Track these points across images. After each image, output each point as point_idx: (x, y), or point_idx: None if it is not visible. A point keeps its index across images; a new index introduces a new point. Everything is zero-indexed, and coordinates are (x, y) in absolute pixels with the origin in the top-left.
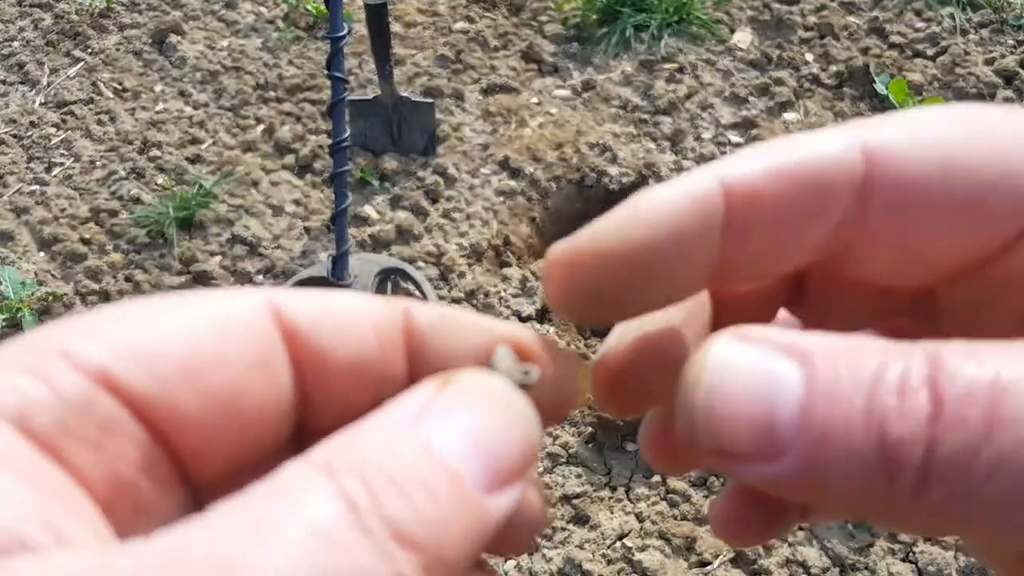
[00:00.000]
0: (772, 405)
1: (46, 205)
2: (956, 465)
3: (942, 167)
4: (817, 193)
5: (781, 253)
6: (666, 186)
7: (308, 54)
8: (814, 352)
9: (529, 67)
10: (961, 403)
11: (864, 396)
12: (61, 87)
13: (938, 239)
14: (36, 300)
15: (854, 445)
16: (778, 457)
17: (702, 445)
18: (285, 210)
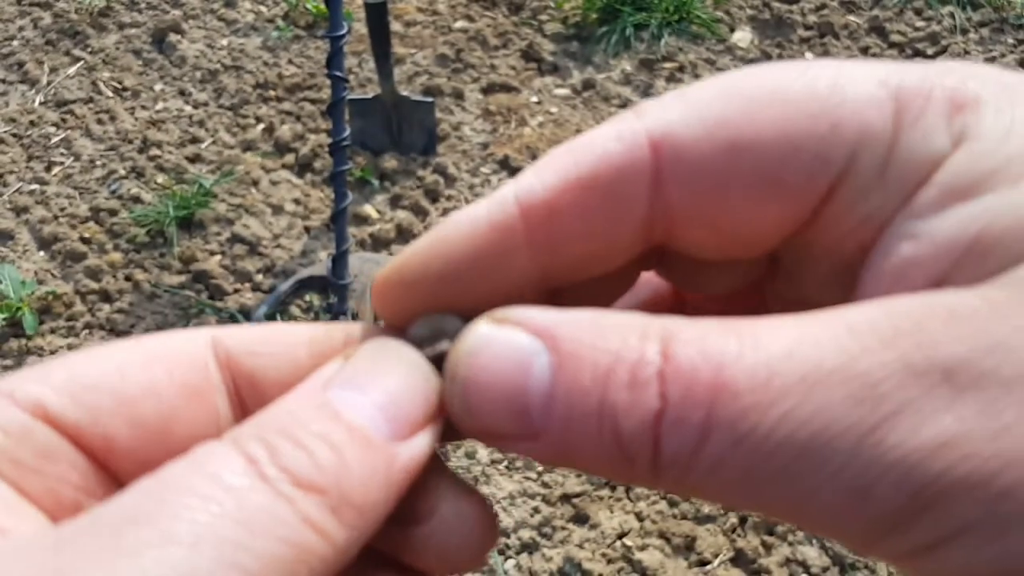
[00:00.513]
0: (524, 392)
1: (46, 204)
2: (679, 463)
3: (729, 148)
4: (611, 197)
5: (595, 254)
6: (470, 208)
7: (308, 53)
8: (561, 335)
9: (529, 66)
10: (683, 403)
11: (600, 390)
12: (61, 86)
13: (741, 216)
14: (36, 299)
15: (593, 435)
16: (534, 439)
17: (465, 427)
18: (285, 209)
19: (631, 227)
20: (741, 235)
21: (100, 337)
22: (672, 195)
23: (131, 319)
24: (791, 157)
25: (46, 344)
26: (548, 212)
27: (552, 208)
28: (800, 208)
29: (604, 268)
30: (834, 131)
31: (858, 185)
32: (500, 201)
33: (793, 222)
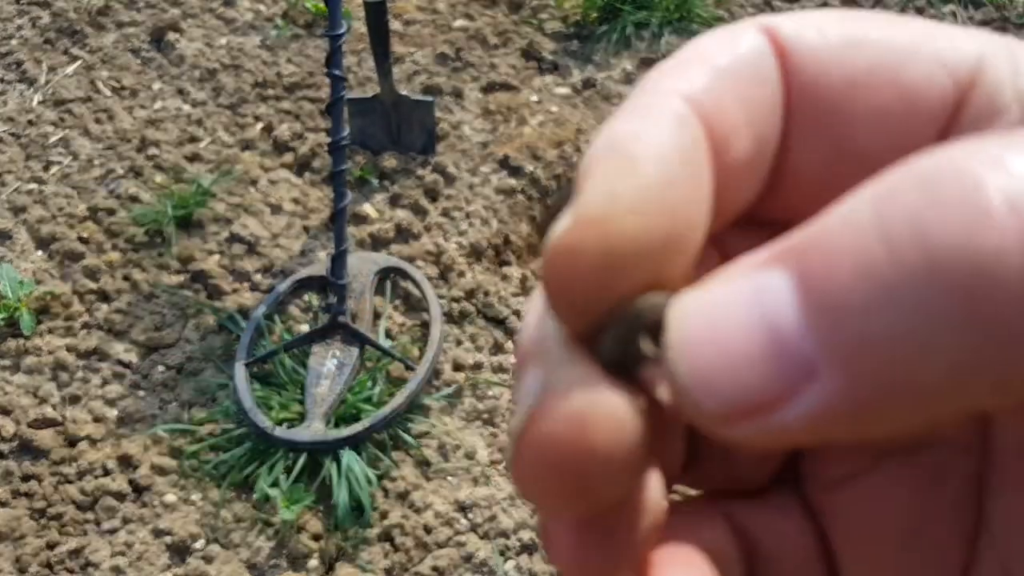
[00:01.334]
0: (765, 322)
1: (44, 204)
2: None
3: (854, 47)
4: (759, 88)
5: (759, 152)
6: (632, 124)
7: (307, 52)
8: (783, 249)
9: (529, 65)
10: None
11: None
12: (59, 85)
13: (870, 132)
14: (34, 299)
15: (925, 281)
16: (811, 381)
17: (708, 415)
18: (284, 209)
19: (779, 116)
20: (861, 158)
21: (98, 337)
22: (798, 102)
23: (129, 319)
24: (918, 54)
25: (44, 344)
26: (715, 104)
27: (717, 99)
28: (930, 123)
29: (760, 173)
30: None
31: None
32: (668, 104)
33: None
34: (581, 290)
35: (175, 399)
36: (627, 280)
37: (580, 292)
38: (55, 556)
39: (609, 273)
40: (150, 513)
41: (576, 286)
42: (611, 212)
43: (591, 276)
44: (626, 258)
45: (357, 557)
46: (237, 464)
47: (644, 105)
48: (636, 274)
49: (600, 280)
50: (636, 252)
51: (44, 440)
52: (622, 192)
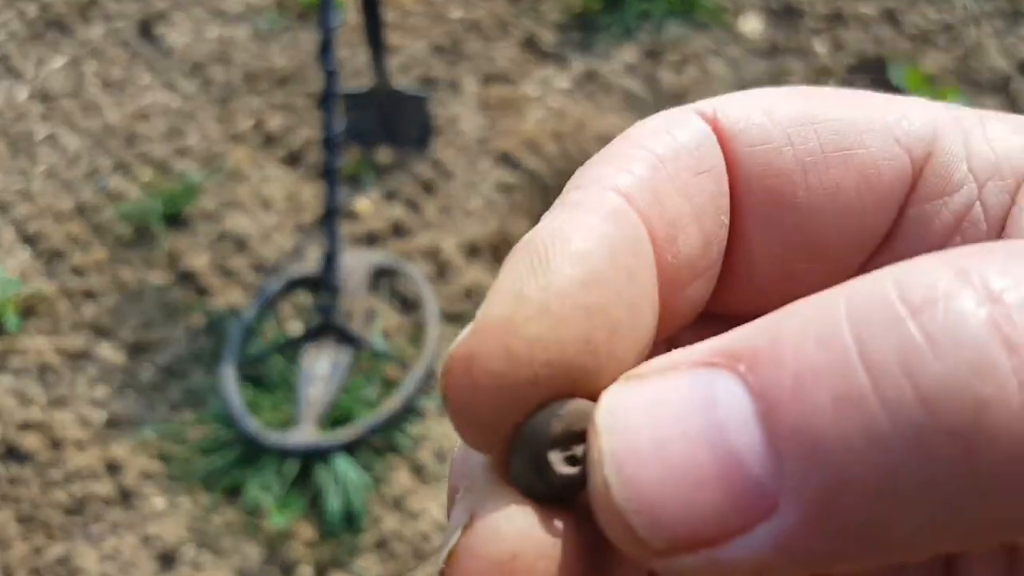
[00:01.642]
0: (719, 440)
1: (31, 200)
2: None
3: (801, 121)
4: (700, 168)
5: (706, 242)
6: (566, 219)
7: (299, 44)
8: (739, 350)
9: (529, 57)
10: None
11: (857, 350)
12: (47, 79)
13: (826, 214)
14: (20, 298)
15: (896, 409)
16: (767, 516)
17: (646, 544)
18: (275, 205)
19: (726, 204)
20: (817, 250)
21: (85, 336)
22: (744, 192)
23: (117, 318)
24: (867, 136)
25: (31, 343)
26: (654, 196)
27: (656, 191)
28: (887, 209)
29: (710, 268)
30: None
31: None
32: (600, 199)
33: (876, 231)
34: (483, 406)
35: (163, 401)
36: (535, 393)
37: (482, 408)
38: (42, 563)
39: (513, 385)
40: (138, 518)
41: (477, 401)
42: (514, 316)
43: (492, 389)
44: (533, 367)
45: (350, 564)
46: (226, 468)
47: (574, 201)
48: (546, 385)
49: (504, 394)
50: (544, 361)
51: (30, 443)
52: (530, 294)
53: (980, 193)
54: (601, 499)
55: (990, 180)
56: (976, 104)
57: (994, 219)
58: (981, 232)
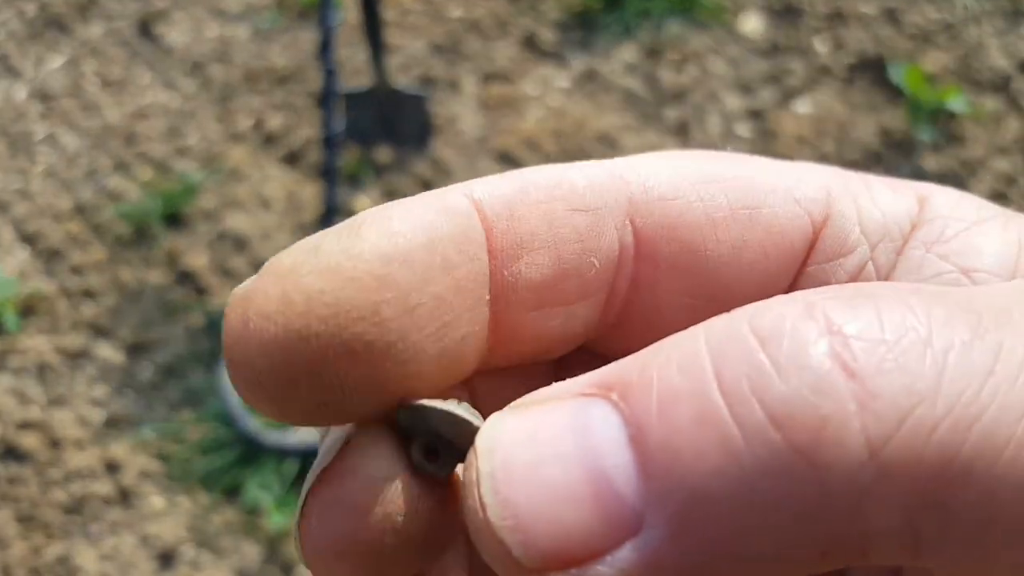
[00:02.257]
0: (591, 461)
1: (30, 200)
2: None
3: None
4: (580, 208)
5: (565, 275)
6: (393, 207)
7: (299, 43)
8: (613, 380)
9: (528, 56)
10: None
11: (715, 376)
12: (46, 79)
13: (732, 268)
14: (19, 298)
15: (750, 441)
16: (634, 533)
17: (517, 561)
18: (275, 204)
19: (604, 247)
20: (720, 295)
21: (85, 336)
22: (649, 240)
23: (116, 317)
24: (774, 194)
25: (30, 343)
26: (507, 211)
27: (512, 208)
28: (792, 260)
29: (570, 303)
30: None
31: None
32: (442, 196)
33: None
34: (255, 354)
35: (162, 400)
36: (307, 349)
37: (254, 356)
38: (41, 562)
39: (284, 334)
40: (137, 518)
41: (248, 348)
42: (301, 266)
43: (264, 335)
44: (307, 319)
45: None
46: (226, 468)
47: (418, 196)
48: (319, 343)
49: (275, 344)
50: (320, 316)
51: (29, 443)
52: (326, 251)
53: (872, 253)
54: (477, 519)
55: (881, 242)
56: (978, 103)
57: (883, 278)
58: None
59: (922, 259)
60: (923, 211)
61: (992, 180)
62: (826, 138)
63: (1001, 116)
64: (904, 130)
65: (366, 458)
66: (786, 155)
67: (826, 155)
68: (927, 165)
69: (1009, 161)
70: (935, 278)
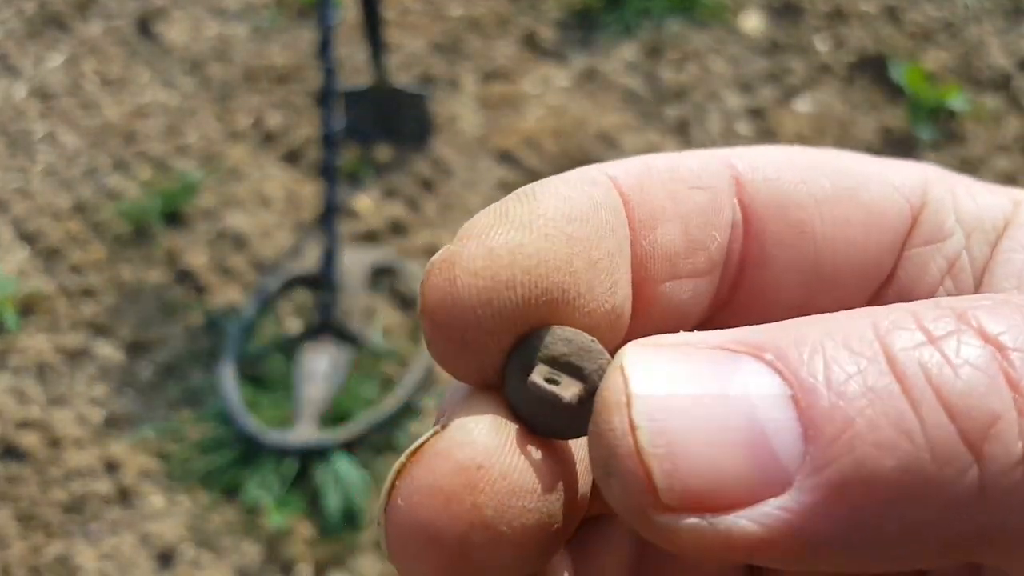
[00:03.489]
0: (752, 416)
1: (29, 198)
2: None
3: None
4: (699, 185)
5: (685, 250)
6: (549, 181)
7: (298, 42)
8: (761, 342)
9: (528, 54)
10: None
11: (886, 358)
12: (45, 77)
13: (837, 244)
14: (18, 296)
15: (908, 428)
16: (780, 491)
17: (656, 495)
18: (274, 203)
19: (722, 222)
20: (830, 276)
21: (84, 335)
22: (755, 204)
23: (116, 316)
24: (873, 179)
25: (29, 342)
26: (638, 185)
27: (642, 183)
28: (890, 244)
29: (699, 276)
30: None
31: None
32: (585, 172)
33: (881, 266)
34: (463, 313)
35: (162, 400)
36: (514, 302)
37: (462, 315)
38: (41, 561)
39: (492, 288)
40: (137, 517)
41: (457, 308)
42: (498, 225)
43: (472, 292)
44: (513, 271)
45: (349, 563)
46: (225, 467)
47: (559, 175)
48: (525, 297)
49: (484, 299)
50: (525, 268)
51: (29, 442)
52: (514, 215)
53: (967, 242)
54: (622, 441)
55: (974, 232)
56: (978, 101)
57: (977, 269)
58: (968, 278)
59: (1022, 264)
60: (1018, 213)
61: (992, 179)
62: (826, 136)
63: (1001, 115)
64: (904, 128)
65: (463, 441)
66: None
67: None
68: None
69: (1009, 159)
70: None
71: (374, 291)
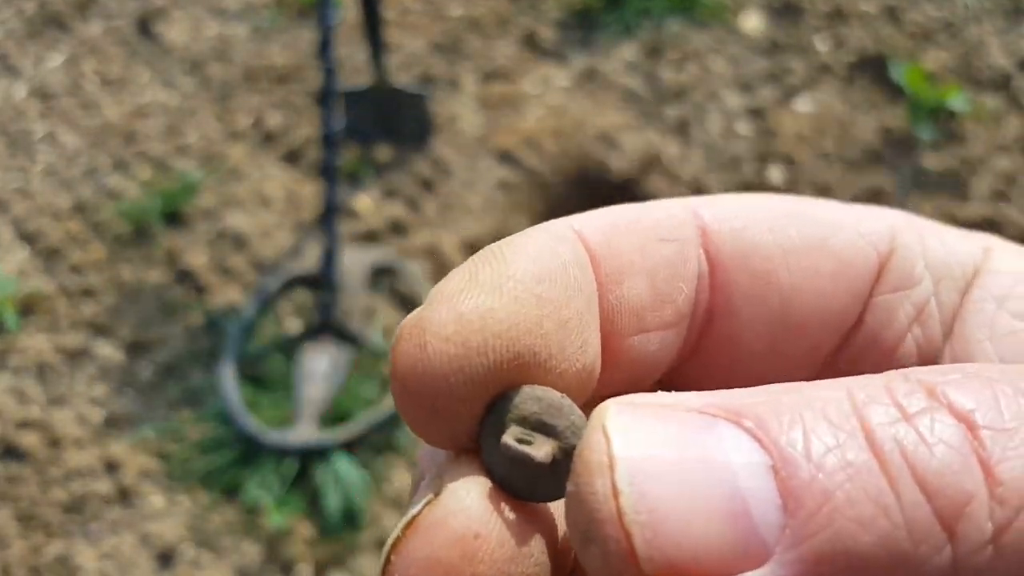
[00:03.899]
0: (735, 487)
1: (29, 198)
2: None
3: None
4: (666, 237)
5: (655, 298)
6: (516, 238)
7: (298, 42)
8: (740, 407)
9: (528, 54)
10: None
11: (864, 433)
12: (45, 77)
13: (805, 294)
14: (18, 296)
15: (885, 506)
16: (759, 564)
17: (633, 565)
18: (274, 203)
19: (689, 274)
20: (793, 319)
21: (84, 335)
22: (722, 253)
23: (116, 316)
24: (839, 233)
25: (29, 342)
26: (604, 240)
27: (608, 238)
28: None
29: (665, 330)
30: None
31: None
32: (551, 227)
33: (849, 314)
34: (433, 380)
35: (162, 400)
36: (485, 368)
37: (432, 383)
38: (41, 561)
39: (463, 355)
40: (137, 517)
41: (426, 373)
42: (468, 289)
43: (443, 359)
44: (484, 335)
45: (349, 563)
46: (225, 467)
47: (525, 231)
48: (496, 361)
49: (454, 366)
50: (496, 332)
51: (29, 442)
52: (484, 277)
53: (936, 288)
54: (604, 505)
55: (943, 279)
56: (978, 101)
57: (946, 315)
58: (936, 325)
59: (994, 315)
60: (988, 260)
61: (992, 179)
62: (826, 136)
63: (1001, 115)
64: (904, 128)
65: (457, 509)
66: (786, 153)
67: (826, 153)
68: (927, 163)
69: (1010, 159)
70: (1010, 336)
71: (374, 291)
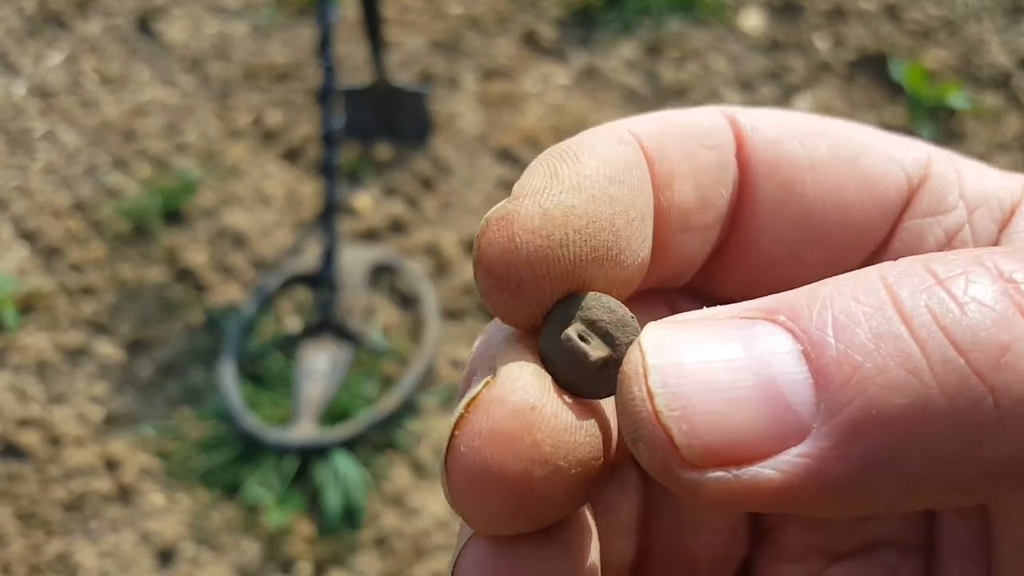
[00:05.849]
0: (765, 371)
1: (29, 196)
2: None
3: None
4: (706, 143)
5: (697, 206)
6: (586, 139)
7: (298, 40)
8: (775, 306)
9: (528, 52)
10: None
11: (892, 304)
12: (45, 75)
13: (829, 208)
14: (18, 295)
15: (918, 371)
16: (800, 440)
17: (678, 452)
18: (274, 201)
19: (728, 180)
20: (822, 233)
21: (84, 333)
22: (754, 162)
23: (115, 315)
24: (869, 148)
25: (29, 340)
26: (658, 143)
27: (661, 141)
28: (887, 211)
29: (705, 230)
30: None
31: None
32: (612, 129)
33: (877, 229)
34: (517, 263)
35: (162, 398)
36: (565, 258)
37: (516, 266)
38: (41, 560)
39: (546, 245)
40: (137, 515)
41: (511, 258)
42: (551, 186)
43: (527, 246)
44: (566, 230)
45: (349, 561)
46: (225, 465)
47: (590, 131)
48: (574, 254)
49: (538, 253)
50: (576, 227)
51: (29, 440)
52: (563, 176)
53: (970, 217)
54: (642, 408)
55: (979, 209)
56: (978, 99)
57: (982, 243)
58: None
59: None
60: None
61: None
62: None
63: (1001, 113)
64: (905, 127)
65: (514, 386)
66: None
67: None
68: None
69: (1010, 157)
70: None
71: (374, 289)
